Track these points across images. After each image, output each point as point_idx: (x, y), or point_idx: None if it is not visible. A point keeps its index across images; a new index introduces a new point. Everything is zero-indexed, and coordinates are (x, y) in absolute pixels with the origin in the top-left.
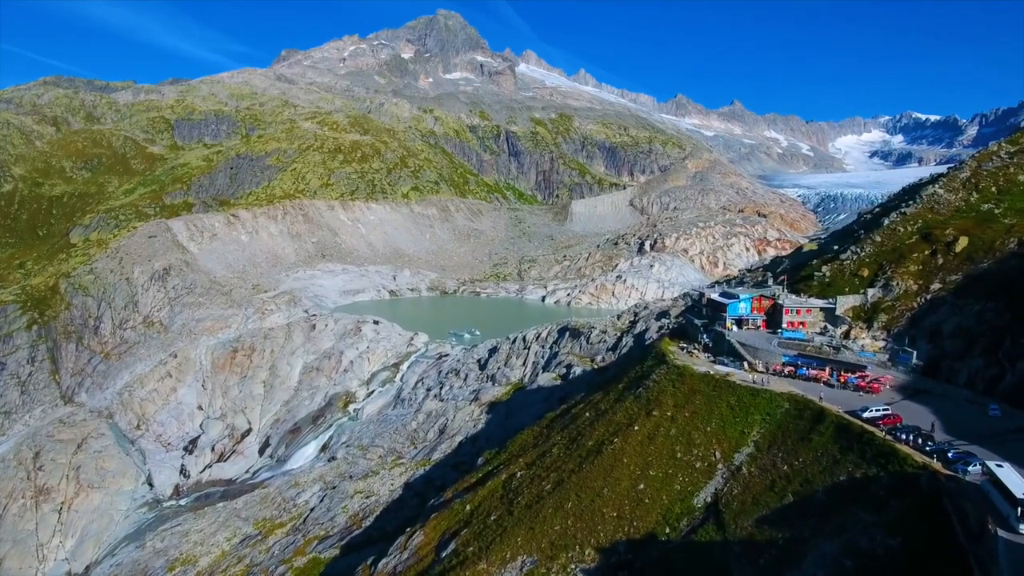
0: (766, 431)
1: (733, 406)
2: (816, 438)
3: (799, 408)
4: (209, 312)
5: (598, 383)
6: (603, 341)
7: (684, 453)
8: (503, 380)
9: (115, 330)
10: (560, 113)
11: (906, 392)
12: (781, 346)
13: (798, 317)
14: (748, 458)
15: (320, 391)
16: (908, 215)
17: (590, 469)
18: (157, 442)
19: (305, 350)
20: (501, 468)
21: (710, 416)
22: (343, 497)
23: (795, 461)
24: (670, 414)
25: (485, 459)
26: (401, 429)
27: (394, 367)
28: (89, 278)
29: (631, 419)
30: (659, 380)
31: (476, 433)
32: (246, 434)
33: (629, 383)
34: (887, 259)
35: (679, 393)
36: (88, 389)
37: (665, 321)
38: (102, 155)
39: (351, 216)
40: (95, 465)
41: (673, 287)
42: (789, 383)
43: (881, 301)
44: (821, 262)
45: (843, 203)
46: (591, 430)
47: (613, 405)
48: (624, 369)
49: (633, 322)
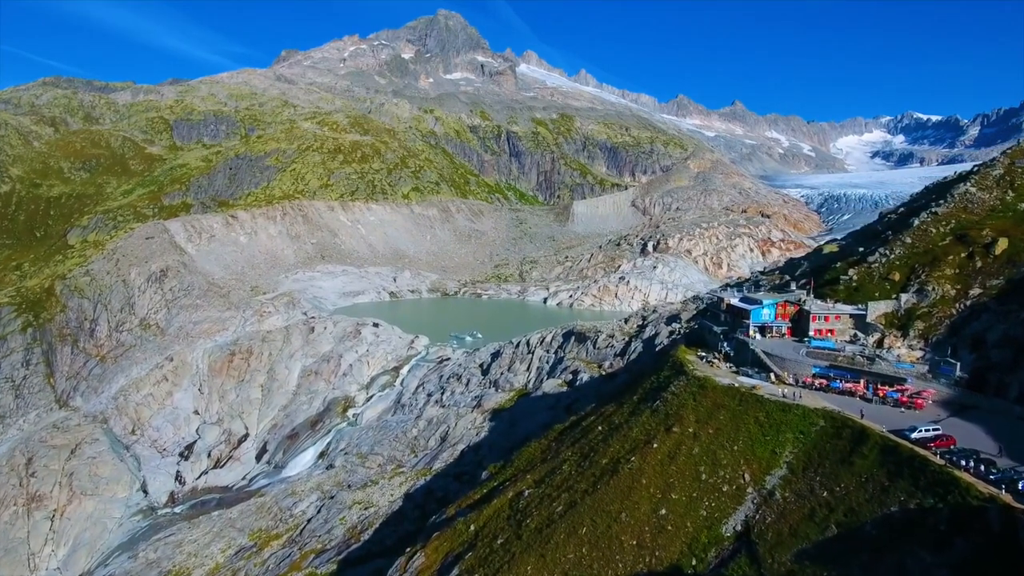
0: (800, 451)
1: (762, 423)
2: (859, 461)
3: (836, 426)
4: (206, 314)
5: (608, 391)
6: (611, 346)
7: (709, 474)
8: (506, 386)
9: (111, 333)
10: (561, 113)
11: (951, 408)
12: (810, 356)
13: (826, 324)
14: (781, 482)
15: (319, 395)
16: (940, 215)
17: (605, 490)
18: (152, 448)
19: (304, 353)
20: (507, 484)
21: (736, 434)
22: (341, 508)
23: (836, 487)
24: (692, 430)
25: (489, 473)
26: (401, 436)
27: (394, 371)
28: (85, 280)
29: (649, 435)
30: (678, 393)
31: (479, 442)
32: (243, 439)
33: (644, 395)
34: (919, 262)
35: (701, 407)
36: (83, 393)
37: (676, 326)
38: (100, 156)
39: (351, 217)
40: (88, 471)
41: (677, 288)
42: (822, 397)
43: (916, 307)
44: (846, 264)
45: (846, 203)
46: (605, 446)
47: (628, 419)
48: (637, 378)
49: (641, 326)
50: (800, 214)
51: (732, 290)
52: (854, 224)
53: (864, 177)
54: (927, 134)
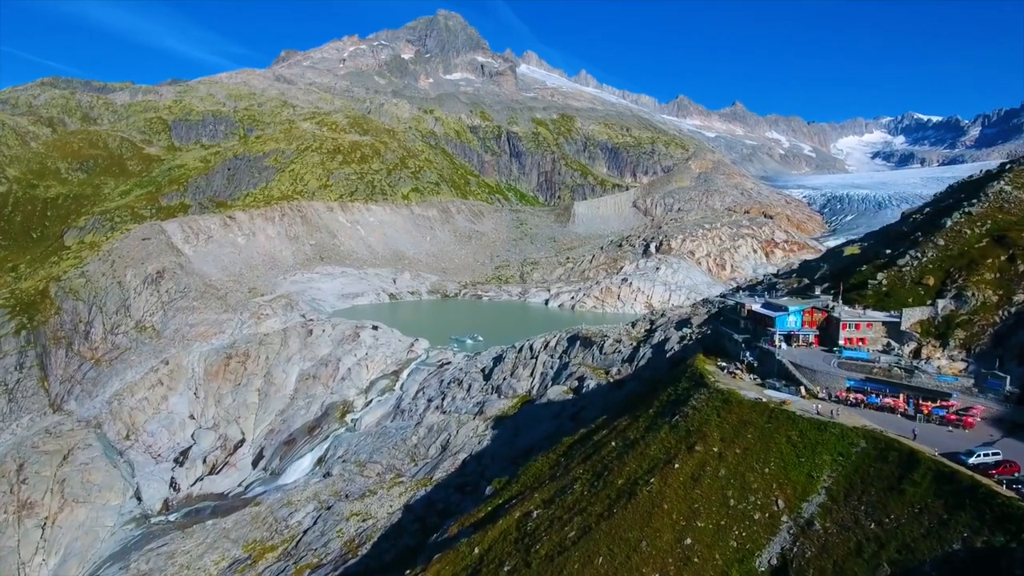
0: (840, 476)
1: (795, 443)
2: (910, 489)
3: (880, 448)
4: (203, 317)
5: (617, 400)
6: (618, 351)
7: (739, 500)
8: (509, 392)
9: (106, 335)
10: (562, 113)
11: (1004, 427)
12: (842, 367)
13: (857, 332)
14: (820, 510)
15: (316, 400)
16: (974, 215)
17: (623, 515)
18: (147, 453)
19: (301, 356)
20: (514, 503)
21: (767, 454)
22: (338, 519)
23: (885, 519)
24: (717, 450)
25: (494, 488)
26: (400, 444)
27: (393, 375)
28: (80, 282)
29: (669, 454)
30: (700, 407)
31: (481, 451)
32: (239, 445)
33: (662, 408)
34: (955, 265)
35: (726, 424)
36: (77, 397)
37: (687, 331)
38: (98, 156)
39: (350, 218)
40: (81, 478)
41: (680, 290)
42: (859, 414)
43: (955, 314)
44: (873, 268)
45: (849, 204)
46: (620, 464)
47: (644, 434)
48: (651, 388)
49: (650, 331)
50: (803, 215)
51: (744, 293)
52: (857, 225)
53: (865, 178)
54: (927, 135)
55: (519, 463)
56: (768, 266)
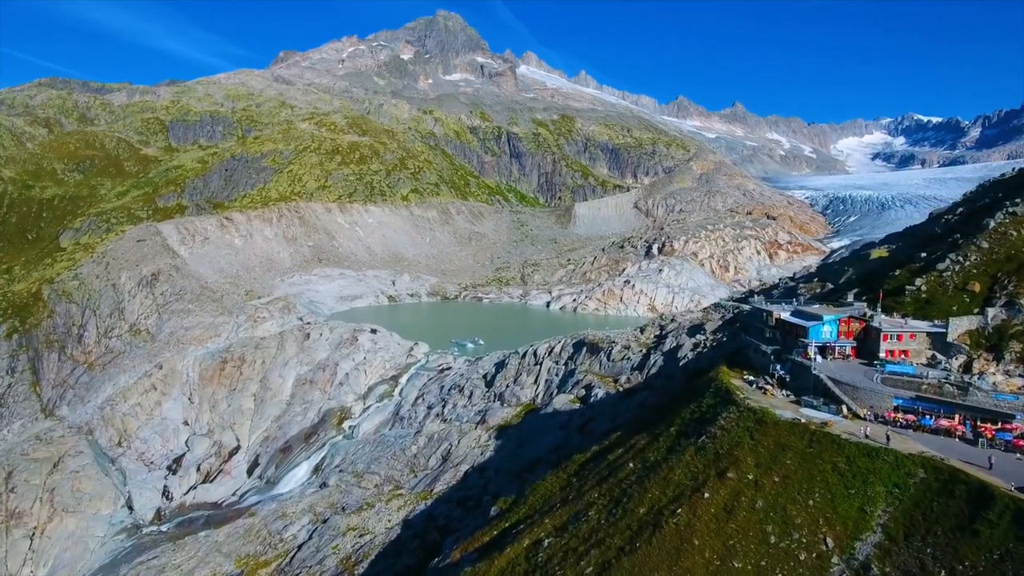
0: (898, 512)
1: (842, 471)
2: (985, 531)
3: (943, 480)
4: (198, 320)
5: (628, 411)
6: (627, 359)
7: (780, 536)
8: (512, 400)
9: (100, 339)
10: (562, 114)
11: None
12: (887, 384)
13: (899, 344)
14: (877, 551)
15: (313, 406)
16: (1020, 215)
17: (647, 551)
18: (139, 461)
19: (298, 361)
20: (522, 528)
21: (810, 484)
22: (334, 534)
23: (957, 565)
24: (752, 477)
25: (499, 509)
26: (400, 454)
27: (392, 380)
28: (73, 284)
29: (697, 480)
30: (729, 427)
31: (484, 462)
32: (234, 452)
33: (684, 426)
34: (1002, 270)
35: (761, 448)
36: (70, 402)
37: (700, 338)
38: (95, 157)
39: (349, 219)
40: (71, 487)
41: (683, 292)
42: (912, 438)
43: (1007, 324)
44: (908, 272)
45: (852, 205)
46: (640, 490)
47: (666, 456)
48: (670, 401)
49: (660, 337)
50: (806, 216)
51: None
52: (861, 226)
53: (867, 178)
54: (928, 136)
55: (524, 477)
56: (772, 268)
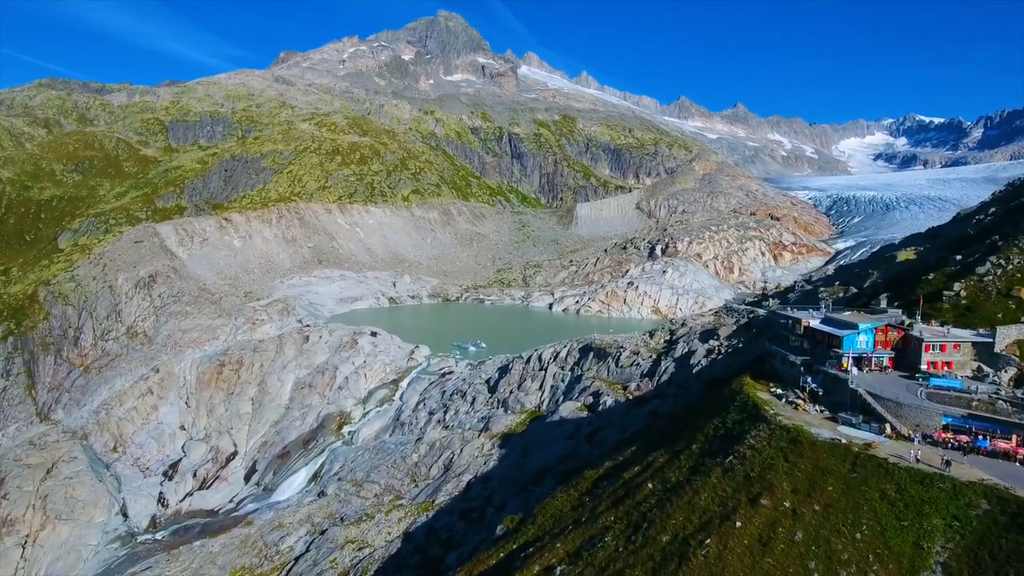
0: (960, 548)
1: (892, 500)
2: None
3: (1011, 512)
4: (196, 322)
5: (639, 420)
6: (636, 364)
7: (824, 574)
8: (517, 407)
9: (96, 341)
10: (563, 115)
11: None
12: (933, 399)
13: (942, 355)
14: None
15: (312, 410)
16: None
17: None
18: (135, 467)
19: (297, 364)
20: (531, 551)
21: (857, 514)
22: (332, 547)
23: None
24: (789, 505)
25: (505, 528)
26: (400, 462)
27: (393, 384)
28: (70, 286)
29: (726, 507)
30: (760, 447)
31: (487, 472)
32: (231, 458)
33: (708, 443)
34: None
35: (798, 472)
36: (65, 406)
37: (714, 343)
38: (94, 157)
39: (349, 220)
40: (64, 493)
41: (688, 294)
42: (968, 462)
43: None
44: (943, 276)
45: (856, 206)
46: (662, 515)
47: (690, 477)
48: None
49: (670, 342)
50: (810, 217)
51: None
52: (865, 227)
53: (870, 179)
54: (930, 136)
55: (530, 490)
56: (777, 269)
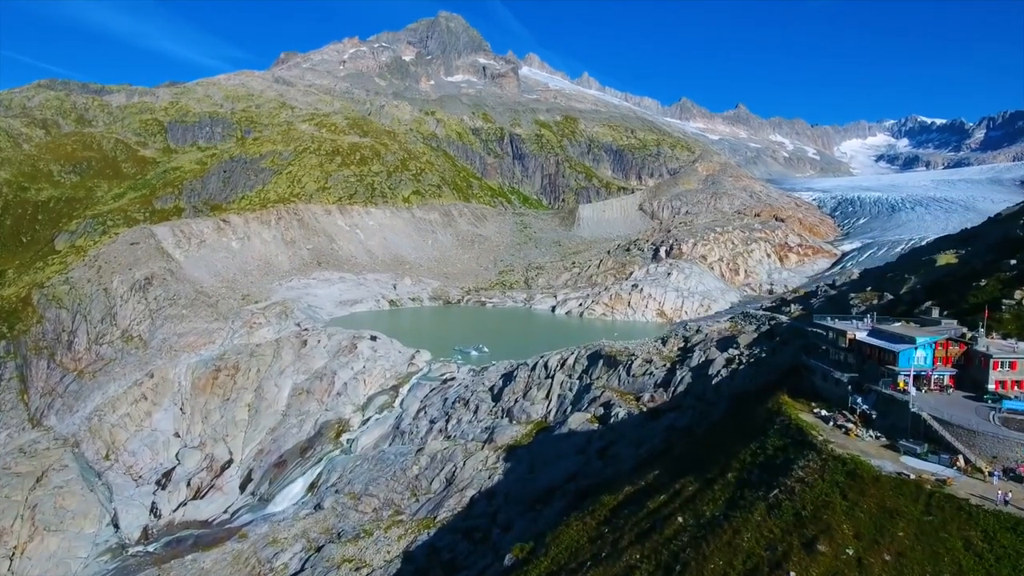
0: None
1: (979, 551)
2: None
3: None
4: (192, 326)
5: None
6: (649, 374)
7: None
8: (522, 416)
9: (90, 345)
10: (565, 115)
11: None
12: (1010, 426)
13: (1012, 374)
14: None
15: (310, 417)
16: None
17: None
18: (127, 475)
19: (295, 369)
20: None
21: (936, 566)
22: (328, 566)
23: None
24: (852, 553)
25: (514, 558)
26: (400, 474)
27: (393, 390)
28: (64, 288)
29: (775, 552)
30: (810, 481)
31: (492, 487)
32: (226, 466)
33: (745, 472)
34: None
35: (860, 512)
36: (58, 411)
37: (734, 352)
38: (92, 158)
39: (349, 221)
40: (54, 503)
41: (693, 297)
42: None
43: None
44: (997, 282)
45: (861, 207)
46: (698, 556)
47: (727, 512)
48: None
49: (685, 349)
50: (815, 218)
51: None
52: (871, 228)
53: (873, 180)
54: (931, 137)
55: (538, 509)
56: (783, 271)
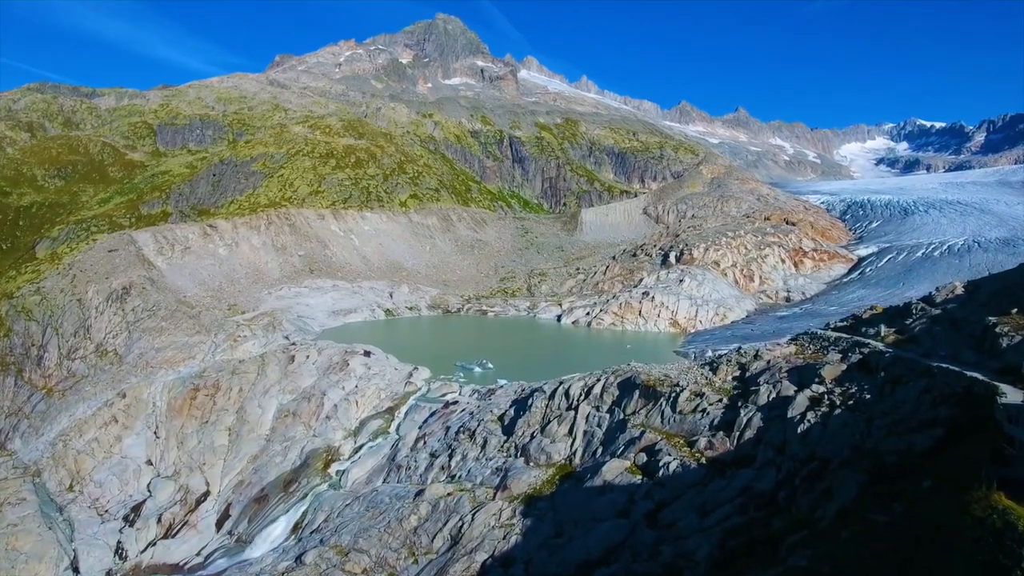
0: None
1: None
2: None
3: None
4: (172, 339)
5: (726, 501)
6: (701, 410)
7: None
8: (541, 457)
9: (61, 361)
10: (565, 118)
11: None
12: None
13: None
14: None
15: (296, 444)
16: None
17: None
18: (92, 509)
19: (281, 388)
20: None
21: None
22: None
23: None
24: None
25: None
26: (396, 525)
27: (388, 413)
28: (34, 299)
29: None
30: None
31: (509, 552)
32: (202, 499)
33: None
34: None
35: None
36: (23, 434)
37: (819, 389)
38: (78, 162)
39: (343, 226)
40: (6, 545)
41: (707, 305)
42: None
43: None
44: None
45: (872, 210)
46: None
47: None
48: (855, 522)
49: (741, 379)
50: (826, 221)
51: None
52: (885, 232)
53: (879, 183)
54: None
55: None
56: (799, 277)
